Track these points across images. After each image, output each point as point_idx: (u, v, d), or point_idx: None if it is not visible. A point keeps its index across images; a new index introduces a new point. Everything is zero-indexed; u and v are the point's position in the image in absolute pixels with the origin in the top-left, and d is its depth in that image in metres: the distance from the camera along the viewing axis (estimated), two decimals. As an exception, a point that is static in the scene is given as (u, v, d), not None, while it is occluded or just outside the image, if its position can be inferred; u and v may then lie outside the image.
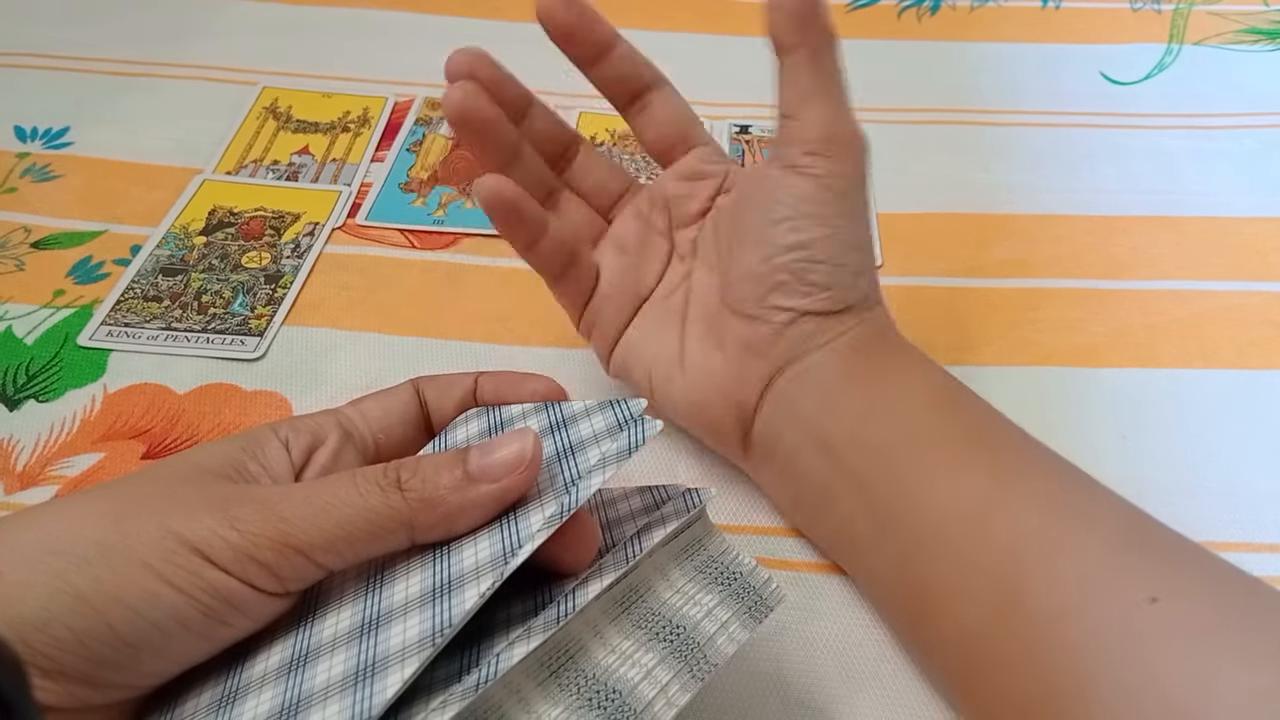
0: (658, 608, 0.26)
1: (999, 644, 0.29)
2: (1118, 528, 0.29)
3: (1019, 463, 0.32)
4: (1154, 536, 0.29)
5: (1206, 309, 0.46)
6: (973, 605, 0.29)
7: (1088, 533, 0.29)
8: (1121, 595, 0.27)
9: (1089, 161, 0.55)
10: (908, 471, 0.32)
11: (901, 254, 0.49)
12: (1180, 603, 0.26)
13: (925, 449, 0.32)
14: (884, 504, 0.32)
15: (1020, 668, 0.28)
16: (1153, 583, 0.27)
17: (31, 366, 0.43)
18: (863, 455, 0.33)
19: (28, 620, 0.22)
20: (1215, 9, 0.65)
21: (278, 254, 0.49)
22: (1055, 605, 0.27)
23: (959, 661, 0.31)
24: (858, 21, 0.65)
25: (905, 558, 0.32)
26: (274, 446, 0.29)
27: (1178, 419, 0.42)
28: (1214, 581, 0.28)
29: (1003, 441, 0.33)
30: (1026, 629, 0.28)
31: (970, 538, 0.30)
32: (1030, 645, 0.28)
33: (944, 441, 0.33)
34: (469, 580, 0.24)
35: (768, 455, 0.36)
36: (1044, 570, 0.28)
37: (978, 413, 0.34)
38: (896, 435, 0.33)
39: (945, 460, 0.32)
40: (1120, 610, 0.26)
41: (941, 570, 0.30)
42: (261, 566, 0.24)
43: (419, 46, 0.63)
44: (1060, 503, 0.30)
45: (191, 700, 0.25)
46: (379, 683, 0.22)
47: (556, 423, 0.30)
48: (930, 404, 0.34)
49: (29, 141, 0.55)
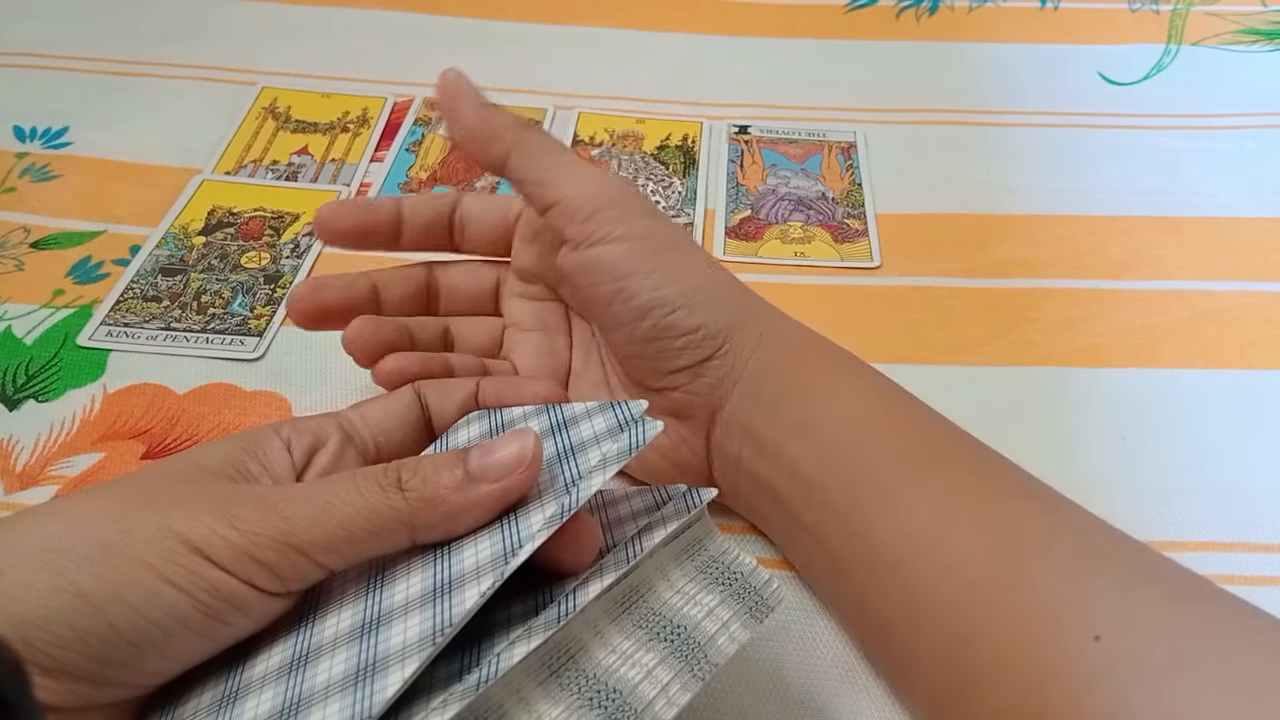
0: (658, 608, 0.26)
1: (959, 678, 0.28)
2: (1066, 554, 0.28)
3: (964, 484, 0.31)
4: (1106, 559, 0.28)
5: (1207, 309, 0.46)
6: (928, 642, 0.29)
7: (1036, 566, 0.28)
8: (1069, 635, 0.26)
9: (1089, 161, 0.55)
10: (852, 509, 0.31)
11: (901, 254, 0.49)
12: (1126, 637, 0.26)
13: (864, 482, 0.31)
14: (834, 544, 0.32)
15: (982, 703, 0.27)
16: (1099, 617, 0.26)
17: (31, 366, 0.43)
18: (809, 502, 0.32)
19: (29, 618, 0.22)
20: (1213, 9, 0.66)
21: (277, 254, 0.49)
22: (1009, 643, 0.27)
23: (924, 694, 0.30)
24: (857, 21, 0.65)
25: (863, 594, 0.31)
26: (275, 447, 0.29)
27: (1178, 419, 0.42)
28: (1168, 605, 0.27)
29: (942, 458, 0.32)
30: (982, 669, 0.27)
31: (924, 573, 0.29)
32: (989, 683, 0.27)
33: (881, 471, 0.31)
34: (469, 580, 0.24)
35: (733, 502, 0.36)
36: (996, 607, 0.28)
37: (917, 426, 0.33)
38: (833, 471, 0.32)
39: (885, 492, 0.31)
40: (1069, 650, 0.26)
41: (899, 608, 0.30)
42: (262, 566, 0.24)
43: (419, 46, 0.63)
44: (1007, 533, 0.29)
45: (193, 700, 0.25)
46: (379, 682, 0.22)
47: (557, 424, 0.30)
48: (864, 425, 0.33)
49: (28, 141, 0.55)
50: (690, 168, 0.54)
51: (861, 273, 0.48)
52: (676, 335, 0.33)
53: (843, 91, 0.59)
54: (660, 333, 0.33)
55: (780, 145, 0.56)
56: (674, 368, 0.34)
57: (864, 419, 0.33)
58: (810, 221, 0.51)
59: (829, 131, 0.57)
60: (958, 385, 0.43)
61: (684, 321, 0.33)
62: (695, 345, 0.33)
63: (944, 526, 0.30)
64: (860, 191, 0.53)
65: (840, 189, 0.53)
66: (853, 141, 0.56)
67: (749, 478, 0.34)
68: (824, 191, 0.53)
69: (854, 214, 0.51)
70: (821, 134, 0.57)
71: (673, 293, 0.33)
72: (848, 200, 0.52)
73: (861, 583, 0.31)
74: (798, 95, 0.59)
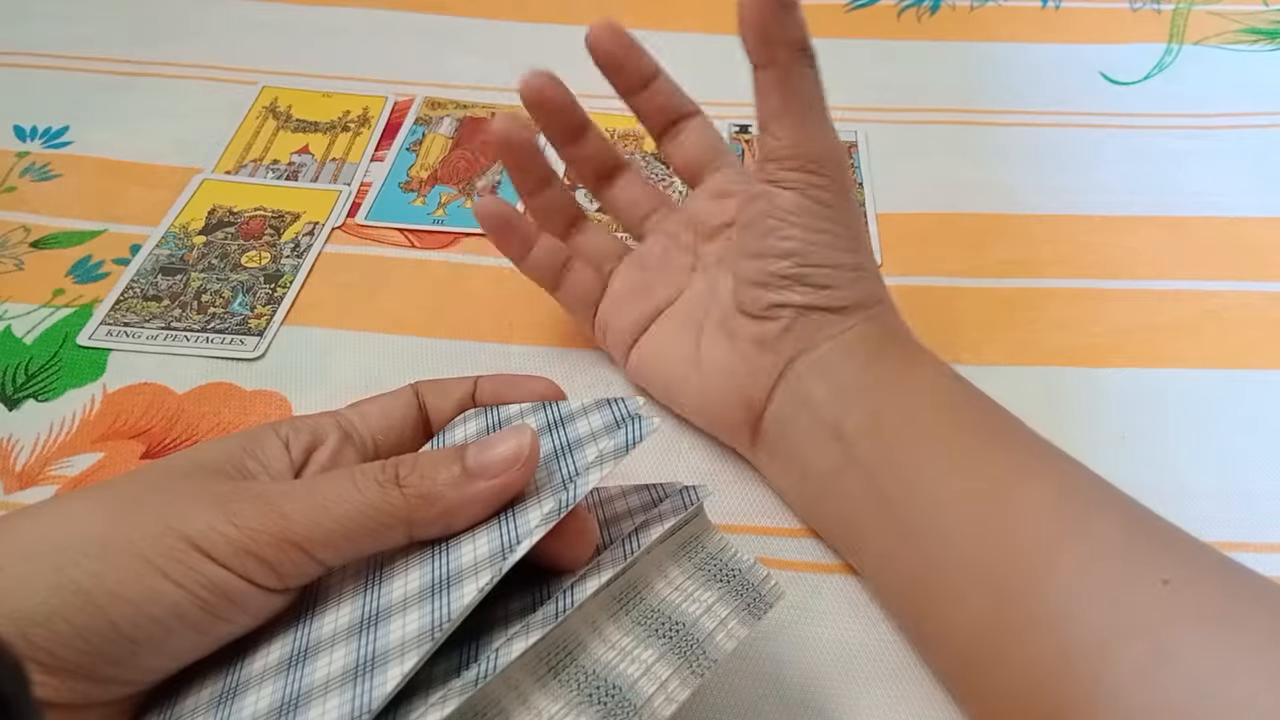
0: (657, 604, 0.26)
1: (1001, 638, 0.29)
2: (1126, 518, 0.30)
3: (1028, 460, 0.32)
4: (1160, 528, 0.30)
5: (1206, 309, 0.46)
6: (975, 599, 0.30)
7: (1097, 522, 0.29)
8: (1136, 576, 0.27)
9: (1089, 161, 0.55)
10: (918, 463, 0.32)
11: (901, 254, 0.49)
12: (1191, 587, 0.27)
13: (936, 443, 0.33)
14: (893, 493, 0.33)
15: (1023, 661, 0.28)
16: (1164, 568, 0.27)
17: (31, 366, 0.43)
18: (874, 445, 0.33)
19: (28, 615, 0.22)
20: (1215, 9, 0.65)
21: (277, 253, 0.49)
22: (1061, 598, 0.28)
23: (961, 652, 0.31)
24: (858, 21, 0.65)
25: (909, 545, 0.32)
26: (274, 445, 0.29)
27: (1177, 419, 0.42)
28: (1220, 570, 0.28)
29: (1013, 439, 0.33)
30: (1029, 624, 0.28)
31: (977, 532, 0.30)
32: (1033, 640, 0.28)
33: (955, 436, 0.33)
34: (468, 576, 0.24)
35: (776, 443, 0.37)
36: (1052, 561, 0.28)
37: (988, 410, 0.34)
38: (909, 427, 0.33)
39: (956, 454, 0.32)
40: (1135, 591, 0.27)
41: (946, 563, 0.31)
42: (261, 562, 0.24)
43: (419, 46, 0.63)
44: (1069, 496, 0.31)
45: (192, 696, 0.25)
46: (378, 677, 0.22)
47: (554, 421, 0.30)
48: (942, 400, 0.34)
49: (28, 141, 0.55)
50: (690, 167, 0.54)
51: (861, 272, 0.48)
52: (807, 284, 0.35)
53: (843, 91, 0.59)
54: (794, 279, 0.35)
55: (780, 145, 0.56)
56: (786, 302, 0.35)
57: (950, 395, 0.35)
58: (810, 221, 0.51)
59: (829, 131, 0.57)
60: (958, 384, 0.43)
61: (821, 279, 0.35)
62: (819, 297, 0.35)
63: (1007, 491, 0.31)
64: (861, 191, 0.53)
65: (840, 188, 0.53)
66: (853, 141, 0.56)
67: (812, 416, 0.35)
68: (824, 191, 0.53)
69: (854, 213, 0.51)
70: (822, 134, 0.56)
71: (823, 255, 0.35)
72: (848, 200, 0.52)
73: (913, 533, 0.32)
74: (798, 95, 0.59)
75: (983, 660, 0.30)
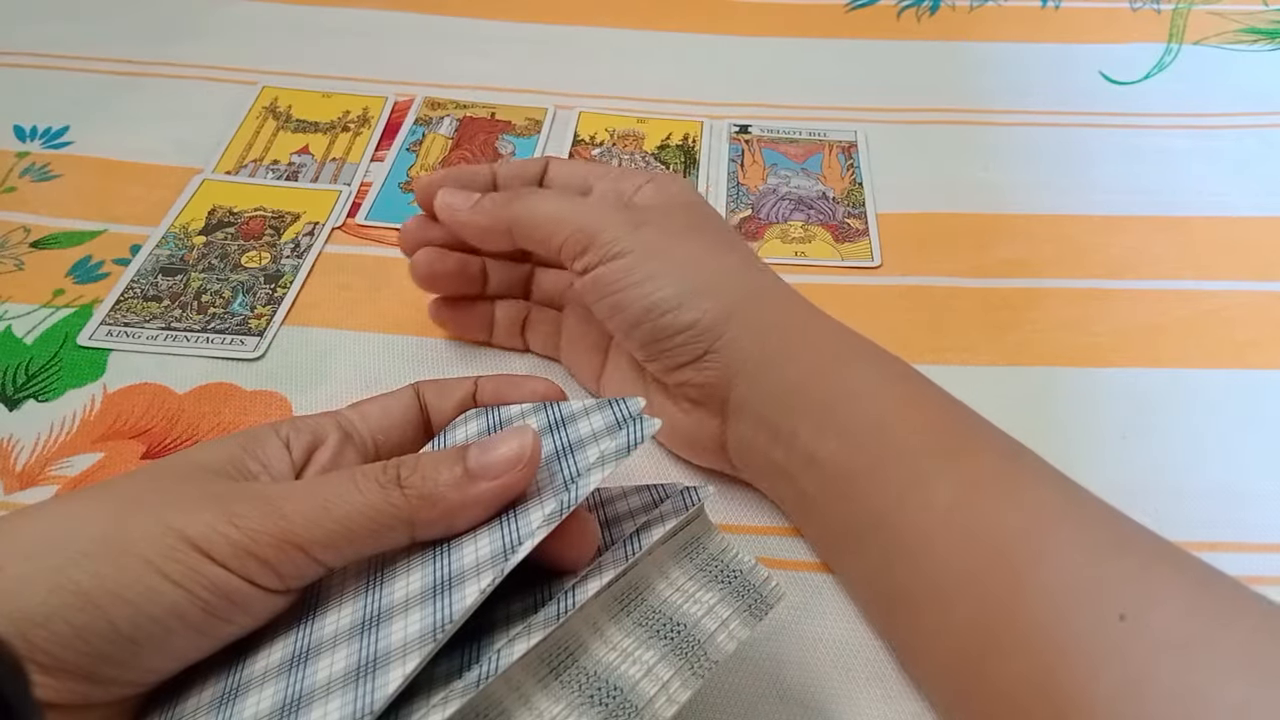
0: (658, 605, 0.26)
1: (980, 646, 0.28)
2: (1092, 536, 0.29)
3: (990, 468, 0.31)
4: (1129, 542, 0.29)
5: (1207, 309, 0.46)
6: (956, 612, 0.29)
7: (1064, 543, 0.28)
8: (1096, 609, 0.27)
9: (1089, 161, 0.55)
10: (872, 493, 0.32)
11: (901, 254, 0.49)
12: (1150, 617, 0.26)
13: (886, 468, 0.32)
14: (853, 523, 0.32)
15: (1004, 668, 0.28)
16: (1124, 597, 0.27)
17: (31, 366, 0.43)
18: (821, 481, 0.33)
19: (28, 615, 0.22)
20: (1215, 9, 0.66)
21: (277, 254, 0.49)
22: (1039, 613, 0.27)
23: (946, 668, 0.30)
24: (857, 21, 0.65)
25: (888, 564, 0.32)
26: (274, 445, 0.29)
27: (1178, 419, 0.42)
28: (1188, 588, 0.27)
29: (965, 445, 0.32)
30: (1008, 635, 0.28)
31: (950, 545, 0.30)
32: (1012, 651, 0.27)
33: (903, 457, 0.32)
34: (469, 577, 0.24)
35: (751, 465, 0.37)
36: (1025, 577, 0.28)
37: (936, 412, 0.33)
38: (852, 457, 0.32)
39: (909, 477, 0.31)
40: (1094, 624, 0.26)
41: (923, 578, 0.30)
42: (261, 563, 0.24)
43: (419, 46, 0.63)
44: (1033, 513, 0.30)
45: (193, 697, 0.25)
46: (380, 678, 0.22)
47: (555, 422, 0.30)
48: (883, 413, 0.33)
49: (28, 141, 0.55)
50: (691, 167, 0.54)
51: (862, 272, 0.48)
52: (673, 334, 0.35)
53: (843, 91, 0.59)
54: (658, 334, 0.35)
55: (781, 145, 0.56)
56: (677, 363, 0.35)
57: (882, 406, 0.33)
58: (811, 221, 0.51)
59: (830, 131, 0.57)
60: (958, 385, 0.42)
61: (677, 321, 0.35)
62: (692, 341, 0.35)
63: (970, 508, 0.30)
64: (861, 191, 0.53)
65: (841, 188, 0.53)
66: (853, 141, 0.56)
67: (763, 460, 0.35)
68: (824, 191, 0.53)
69: (854, 213, 0.51)
70: (822, 133, 0.57)
71: (663, 296, 0.35)
72: (848, 200, 0.52)
73: (880, 559, 0.32)
74: (798, 95, 0.59)
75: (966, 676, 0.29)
